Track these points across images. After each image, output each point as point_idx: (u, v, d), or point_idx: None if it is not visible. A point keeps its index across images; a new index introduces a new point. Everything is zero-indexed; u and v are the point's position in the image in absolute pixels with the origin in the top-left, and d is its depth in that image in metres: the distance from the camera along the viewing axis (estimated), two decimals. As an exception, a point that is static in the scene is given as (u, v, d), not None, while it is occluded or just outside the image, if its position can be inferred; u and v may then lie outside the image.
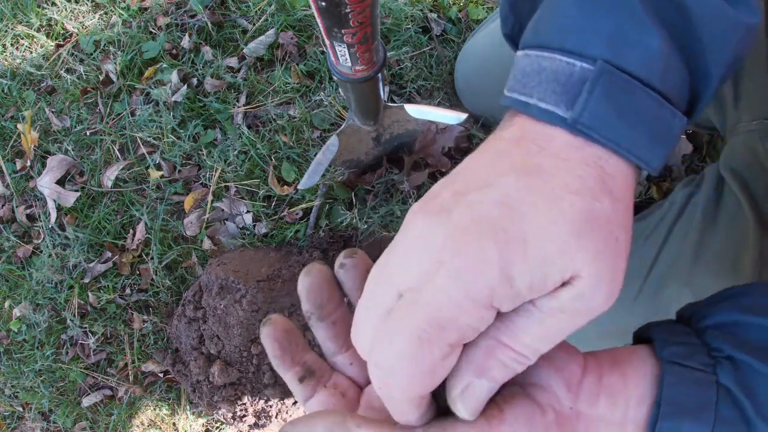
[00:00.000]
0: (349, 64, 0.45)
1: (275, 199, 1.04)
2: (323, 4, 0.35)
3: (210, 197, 1.05)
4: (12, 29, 1.18)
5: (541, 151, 0.24)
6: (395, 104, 0.86)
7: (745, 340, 0.27)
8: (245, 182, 1.03)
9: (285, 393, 0.95)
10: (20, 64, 1.17)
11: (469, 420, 0.25)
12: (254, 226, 1.03)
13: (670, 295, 0.66)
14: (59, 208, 1.10)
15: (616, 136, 0.24)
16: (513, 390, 0.27)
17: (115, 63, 1.12)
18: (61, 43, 1.18)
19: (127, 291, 1.08)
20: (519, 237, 0.22)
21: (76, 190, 1.09)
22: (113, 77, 1.12)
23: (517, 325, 0.24)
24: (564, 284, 0.23)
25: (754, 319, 0.27)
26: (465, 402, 0.24)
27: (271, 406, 0.96)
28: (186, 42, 1.10)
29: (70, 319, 1.08)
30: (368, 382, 0.31)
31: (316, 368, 0.31)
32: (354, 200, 1.00)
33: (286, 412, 0.97)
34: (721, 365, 0.26)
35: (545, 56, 0.26)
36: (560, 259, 0.22)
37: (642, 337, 0.31)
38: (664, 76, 0.25)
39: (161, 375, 1.09)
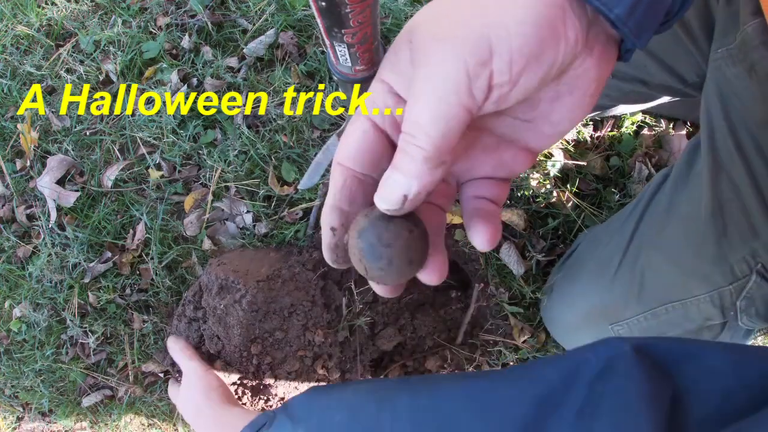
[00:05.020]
0: (349, 64, 0.45)
1: (275, 199, 1.04)
2: (323, 4, 0.35)
3: (210, 197, 1.05)
4: (12, 29, 1.18)
5: None
6: None
7: None
8: (245, 182, 1.03)
9: (284, 393, 0.95)
10: (20, 64, 1.17)
11: (385, 209, 0.28)
12: (254, 226, 1.03)
13: (642, 262, 0.68)
14: (59, 208, 1.10)
15: None
16: None
17: (115, 63, 1.12)
18: (61, 43, 1.18)
19: (127, 291, 1.08)
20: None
21: (76, 190, 1.09)
22: (113, 77, 1.12)
23: (407, 108, 0.27)
24: None
25: None
26: (380, 191, 0.28)
27: (271, 407, 0.96)
28: (186, 42, 1.10)
29: (70, 319, 1.08)
30: None
31: None
32: (354, 200, 1.00)
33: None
34: None
35: None
36: None
37: None
38: None
39: (161, 375, 1.09)
